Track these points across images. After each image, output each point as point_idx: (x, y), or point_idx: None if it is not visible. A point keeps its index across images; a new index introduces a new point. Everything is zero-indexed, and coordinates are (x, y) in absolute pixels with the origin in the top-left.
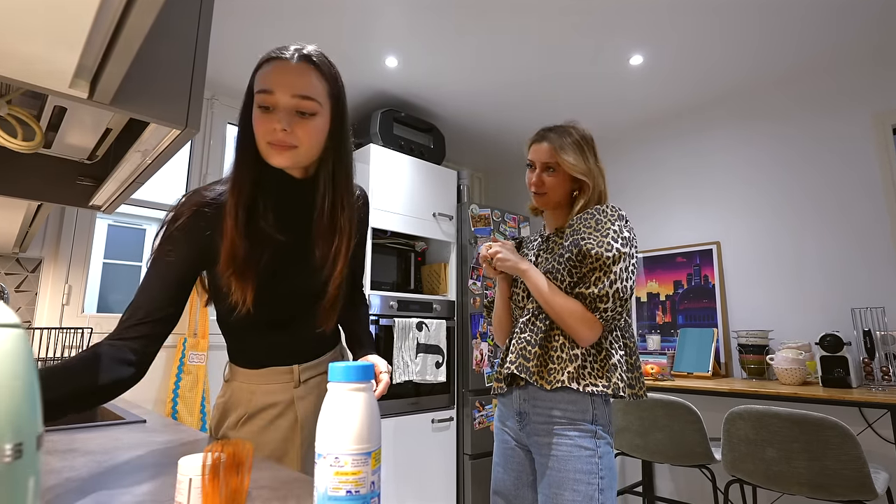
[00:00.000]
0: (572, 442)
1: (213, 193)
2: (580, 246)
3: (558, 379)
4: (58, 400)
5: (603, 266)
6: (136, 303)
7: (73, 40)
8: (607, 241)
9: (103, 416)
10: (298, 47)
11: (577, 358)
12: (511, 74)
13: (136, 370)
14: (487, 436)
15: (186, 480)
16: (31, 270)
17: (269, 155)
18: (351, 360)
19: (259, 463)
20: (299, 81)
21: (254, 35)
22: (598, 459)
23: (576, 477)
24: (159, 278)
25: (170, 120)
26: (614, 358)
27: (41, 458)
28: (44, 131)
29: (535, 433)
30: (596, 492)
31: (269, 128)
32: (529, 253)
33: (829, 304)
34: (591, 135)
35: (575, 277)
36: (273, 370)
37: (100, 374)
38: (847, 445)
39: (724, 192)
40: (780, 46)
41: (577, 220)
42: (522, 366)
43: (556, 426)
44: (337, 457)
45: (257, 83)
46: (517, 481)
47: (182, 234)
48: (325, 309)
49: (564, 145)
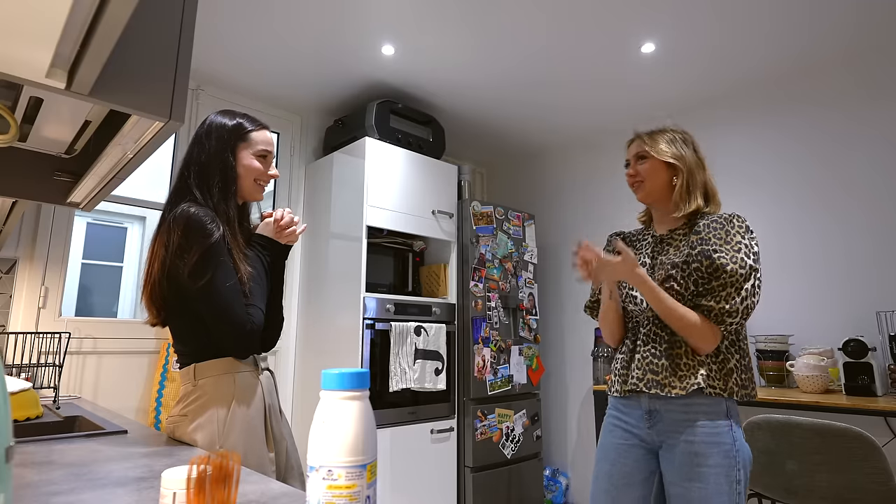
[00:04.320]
0: (711, 438)
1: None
2: (712, 258)
3: (692, 383)
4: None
5: (736, 283)
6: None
7: (49, 29)
8: (740, 256)
9: (82, 426)
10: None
11: (703, 364)
12: (515, 63)
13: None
14: (490, 447)
15: (170, 494)
16: (5, 272)
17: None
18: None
19: (247, 476)
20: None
21: (242, 23)
22: (736, 453)
23: (717, 471)
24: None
25: (152, 111)
26: (731, 363)
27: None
28: (19, 124)
29: (667, 433)
30: (734, 483)
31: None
32: (641, 253)
33: (852, 307)
34: (689, 132)
35: (700, 287)
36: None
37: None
38: (872, 457)
39: (741, 187)
40: (805, 34)
41: (704, 228)
42: (652, 381)
43: (693, 423)
44: (330, 469)
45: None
46: (629, 476)
47: None
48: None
49: (654, 135)
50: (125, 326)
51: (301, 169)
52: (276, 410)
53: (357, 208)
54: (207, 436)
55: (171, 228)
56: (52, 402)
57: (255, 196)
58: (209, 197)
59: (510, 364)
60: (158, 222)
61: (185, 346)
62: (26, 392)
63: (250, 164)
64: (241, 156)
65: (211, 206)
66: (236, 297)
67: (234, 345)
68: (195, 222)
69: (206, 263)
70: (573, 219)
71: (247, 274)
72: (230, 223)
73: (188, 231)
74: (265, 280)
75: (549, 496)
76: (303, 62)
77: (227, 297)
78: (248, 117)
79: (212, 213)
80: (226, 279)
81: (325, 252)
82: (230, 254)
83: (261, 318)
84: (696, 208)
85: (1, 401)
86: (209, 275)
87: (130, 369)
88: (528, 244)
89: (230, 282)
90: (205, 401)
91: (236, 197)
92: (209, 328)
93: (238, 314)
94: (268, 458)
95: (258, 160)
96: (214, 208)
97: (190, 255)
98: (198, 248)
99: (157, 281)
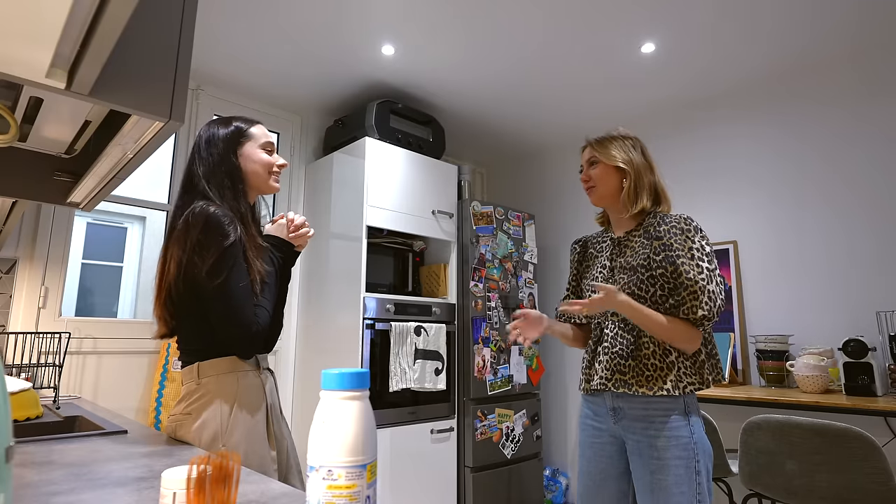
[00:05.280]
0: (670, 433)
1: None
2: (676, 265)
3: (661, 387)
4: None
5: (702, 289)
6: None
7: (49, 29)
8: (695, 263)
9: (82, 426)
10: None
11: (673, 366)
12: (514, 63)
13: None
14: (490, 447)
15: (170, 494)
16: (5, 272)
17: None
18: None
19: (247, 476)
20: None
21: (242, 22)
22: (694, 445)
23: (676, 462)
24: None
25: (152, 111)
26: (703, 355)
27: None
28: (19, 124)
29: (630, 429)
30: (694, 474)
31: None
32: (601, 255)
33: (852, 307)
34: (638, 138)
35: (666, 291)
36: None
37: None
38: (872, 457)
39: (742, 188)
40: (808, 31)
41: (665, 233)
42: (620, 380)
43: (652, 419)
44: (330, 469)
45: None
46: (605, 472)
47: None
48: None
49: (604, 141)
50: (125, 326)
51: (301, 169)
52: (277, 410)
53: (357, 208)
54: (210, 434)
55: (189, 226)
56: (52, 402)
57: (271, 188)
58: (222, 197)
59: (510, 364)
60: (168, 227)
61: (189, 345)
62: (26, 392)
63: (260, 157)
64: (248, 152)
65: (226, 205)
66: (247, 298)
67: (240, 345)
68: (214, 221)
69: (222, 263)
70: (573, 219)
71: (261, 272)
72: (244, 221)
73: (208, 229)
74: (276, 280)
75: (549, 496)
76: (303, 62)
77: (238, 299)
78: (242, 118)
79: (230, 214)
80: (239, 280)
81: (325, 252)
82: (244, 253)
83: (266, 319)
84: (642, 208)
85: (1, 401)
86: (224, 275)
87: (130, 369)
88: (528, 244)
89: (243, 283)
90: (208, 399)
91: (247, 196)
92: (215, 328)
93: (247, 315)
94: (270, 456)
95: (265, 152)
96: (229, 208)
97: (209, 254)
98: (216, 248)
99: (174, 282)
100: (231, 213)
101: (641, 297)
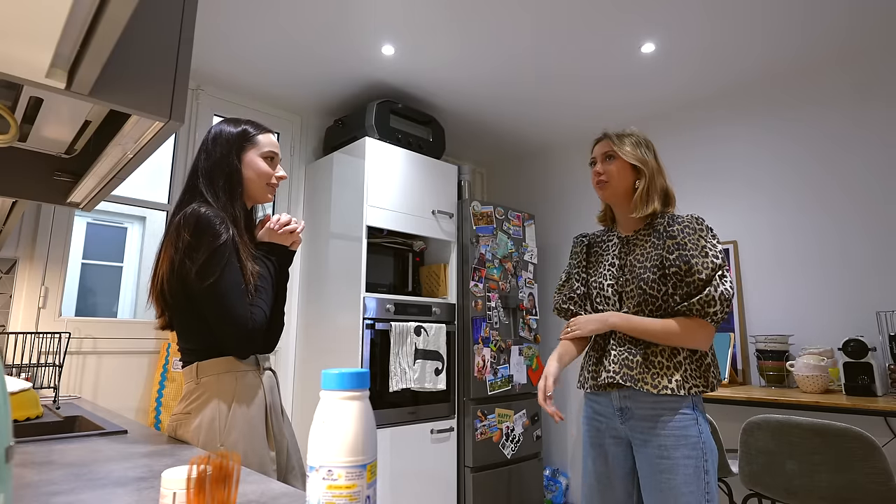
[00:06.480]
0: (679, 432)
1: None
2: (691, 264)
3: (666, 386)
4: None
5: (708, 279)
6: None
7: (49, 29)
8: (709, 260)
9: (82, 426)
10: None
11: (680, 366)
12: (515, 63)
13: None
14: (490, 447)
15: (170, 494)
16: (5, 272)
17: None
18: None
19: (247, 476)
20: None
21: (243, 22)
22: (703, 445)
23: (685, 462)
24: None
25: (152, 111)
26: (708, 358)
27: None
28: (19, 124)
29: (638, 428)
30: (702, 473)
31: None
32: (607, 254)
33: (852, 307)
34: (651, 139)
35: (678, 289)
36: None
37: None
38: (872, 457)
39: (741, 188)
40: (805, 31)
41: (678, 232)
42: (626, 375)
43: (660, 418)
44: (330, 469)
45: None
46: (611, 472)
47: None
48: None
49: (622, 137)
50: (125, 326)
51: (301, 169)
52: (278, 410)
53: (357, 208)
54: (209, 433)
55: (181, 228)
56: (52, 402)
57: (264, 198)
58: (216, 199)
59: (510, 364)
60: (167, 225)
61: (188, 345)
62: (26, 392)
63: (258, 166)
64: (249, 159)
65: (219, 207)
66: (240, 297)
67: (236, 344)
68: (205, 222)
69: (213, 263)
70: (573, 219)
71: (253, 272)
72: (237, 223)
73: (198, 231)
74: (271, 281)
75: (549, 496)
76: (303, 62)
77: (230, 298)
78: (252, 123)
79: (221, 214)
80: (231, 279)
81: (325, 252)
82: (237, 253)
83: (262, 318)
84: (653, 211)
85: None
86: (216, 274)
87: (130, 369)
88: (528, 244)
89: (235, 282)
90: (206, 398)
91: (242, 199)
92: (212, 327)
93: (241, 314)
94: (269, 456)
95: (266, 162)
96: (222, 209)
97: (199, 254)
98: (207, 248)
99: (166, 280)
100: (224, 214)
101: (653, 295)
